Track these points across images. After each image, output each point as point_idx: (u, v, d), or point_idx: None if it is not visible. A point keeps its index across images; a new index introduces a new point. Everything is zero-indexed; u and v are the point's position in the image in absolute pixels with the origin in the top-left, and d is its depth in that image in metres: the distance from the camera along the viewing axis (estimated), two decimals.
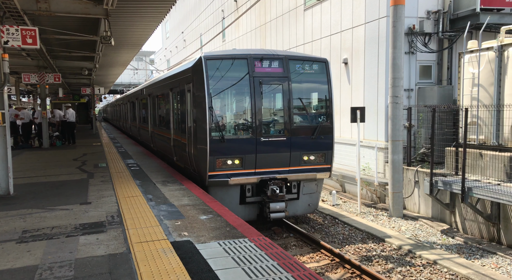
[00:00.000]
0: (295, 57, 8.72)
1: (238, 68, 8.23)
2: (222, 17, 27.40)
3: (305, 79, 8.83)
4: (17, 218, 5.97)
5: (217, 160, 8.02)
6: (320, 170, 8.83)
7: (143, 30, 12.84)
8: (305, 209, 9.18)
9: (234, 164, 8.14)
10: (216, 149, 7.95)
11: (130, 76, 50.79)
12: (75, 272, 3.97)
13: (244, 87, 8.27)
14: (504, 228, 8.53)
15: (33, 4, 8.79)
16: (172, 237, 5.06)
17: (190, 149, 8.83)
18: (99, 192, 7.65)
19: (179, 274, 3.90)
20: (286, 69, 8.45)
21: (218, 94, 8.29)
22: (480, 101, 9.85)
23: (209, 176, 8.06)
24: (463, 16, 12.36)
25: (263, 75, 8.30)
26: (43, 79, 16.03)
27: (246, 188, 8.42)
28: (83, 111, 38.87)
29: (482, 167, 9.25)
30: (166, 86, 11.42)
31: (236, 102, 8.68)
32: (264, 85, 8.28)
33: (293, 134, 8.44)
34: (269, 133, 8.40)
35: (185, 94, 9.14)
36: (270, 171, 8.39)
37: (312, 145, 8.63)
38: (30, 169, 10.74)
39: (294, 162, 8.53)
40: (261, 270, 4.03)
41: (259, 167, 8.28)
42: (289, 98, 8.43)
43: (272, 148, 8.31)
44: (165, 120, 11.96)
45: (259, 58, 8.33)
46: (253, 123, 8.22)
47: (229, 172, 8.15)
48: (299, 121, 8.77)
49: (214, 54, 8.32)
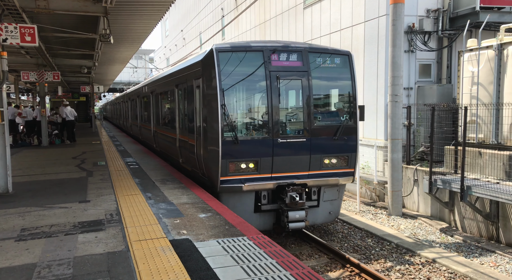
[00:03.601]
0: (315, 49, 7.89)
1: (253, 61, 7.44)
2: (222, 15, 27.36)
3: (326, 73, 8.01)
4: (15, 216, 5.96)
5: (229, 163, 7.24)
6: (342, 175, 8.03)
7: (142, 28, 12.81)
8: (326, 217, 8.37)
9: (249, 168, 7.37)
10: (229, 151, 7.18)
11: (129, 74, 50.72)
12: (73, 270, 3.97)
13: (259, 82, 7.48)
14: (503, 226, 8.54)
15: (31, 2, 8.76)
16: (171, 235, 5.05)
17: (199, 151, 8.01)
18: (98, 190, 7.64)
19: (178, 272, 3.89)
20: (305, 62, 7.64)
21: (231, 90, 7.47)
22: (479, 99, 9.85)
23: (221, 182, 7.28)
24: (463, 15, 12.35)
25: (280, 69, 7.50)
26: (42, 77, 16.00)
27: (261, 195, 7.61)
28: (82, 110, 38.81)
29: (481, 166, 9.26)
30: (171, 83, 10.58)
31: (250, 99, 7.87)
32: (281, 80, 7.49)
33: (313, 135, 7.66)
34: (287, 134, 7.63)
35: (193, 91, 8.35)
36: (288, 176, 7.61)
37: (334, 147, 7.84)
38: (29, 167, 10.73)
39: (315, 165, 7.75)
40: (259, 268, 4.03)
41: (276, 171, 7.51)
42: (309, 94, 7.64)
43: (290, 150, 7.56)
44: (169, 119, 11.22)
45: (276, 50, 7.52)
46: (270, 122, 7.42)
47: (243, 177, 7.38)
48: (320, 120, 7.97)
49: (227, 46, 7.50)
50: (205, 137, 7.64)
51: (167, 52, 48.97)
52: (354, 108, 8.09)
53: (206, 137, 7.60)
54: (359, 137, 8.71)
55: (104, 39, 9.83)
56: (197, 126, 8.12)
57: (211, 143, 7.39)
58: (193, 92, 8.35)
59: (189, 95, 8.82)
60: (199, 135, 7.99)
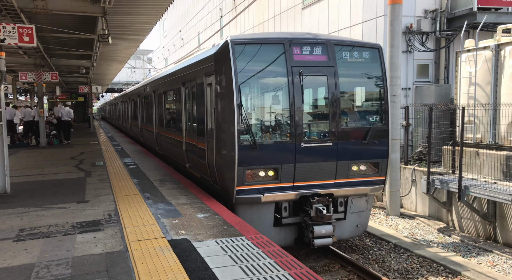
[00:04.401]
0: (342, 42, 7.13)
1: (272, 55, 6.64)
2: (220, 16, 27.37)
3: (354, 69, 7.20)
4: (14, 216, 5.96)
5: (247, 171, 6.44)
6: (372, 183, 7.20)
7: (141, 28, 12.82)
8: (353, 231, 7.48)
9: (268, 176, 6.59)
10: (246, 157, 6.38)
11: (127, 74, 50.70)
12: (72, 270, 3.97)
13: (280, 79, 6.71)
14: (500, 226, 8.57)
15: (29, 2, 8.75)
16: (169, 235, 5.06)
17: (211, 156, 7.15)
18: (97, 190, 7.64)
19: (176, 272, 3.90)
20: (331, 56, 6.85)
21: (248, 88, 6.75)
22: (477, 100, 9.89)
23: (237, 192, 6.47)
24: (460, 15, 12.40)
25: (303, 64, 6.69)
26: (40, 77, 15.97)
27: (281, 207, 6.79)
28: (80, 110, 38.76)
29: (478, 166, 9.29)
30: (177, 81, 9.74)
31: (270, 98, 7.10)
32: (304, 77, 6.66)
33: (340, 138, 6.84)
34: (310, 137, 6.84)
35: (203, 89, 7.57)
36: (311, 185, 6.82)
37: (363, 152, 7.03)
38: (27, 167, 10.71)
39: (341, 173, 6.93)
40: (258, 268, 4.04)
41: (299, 180, 6.72)
42: (336, 93, 6.83)
43: (314, 155, 6.76)
44: (174, 120, 10.41)
45: (298, 43, 6.73)
46: (292, 124, 6.62)
47: (262, 187, 6.58)
48: (348, 122, 7.15)
49: (244, 38, 6.75)
50: (218, 141, 6.83)
51: (166, 52, 48.95)
52: (385, 108, 7.26)
53: (219, 141, 6.79)
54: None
55: (103, 39, 9.83)
56: (208, 128, 7.33)
57: (225, 147, 6.59)
58: (203, 90, 7.59)
59: (198, 93, 8.02)
60: (211, 139, 7.18)
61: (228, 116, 6.46)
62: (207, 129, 7.40)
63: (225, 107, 6.57)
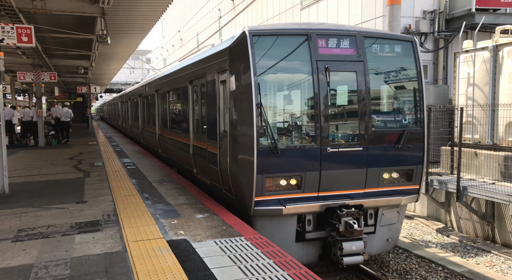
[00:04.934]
0: (372, 33, 6.41)
1: (295, 48, 5.99)
2: (219, 16, 27.39)
3: (386, 64, 6.48)
4: (12, 217, 5.95)
5: (267, 179, 5.74)
6: (405, 193, 6.47)
7: (140, 28, 12.81)
8: (383, 246, 6.74)
9: (290, 185, 5.90)
10: (266, 163, 5.68)
11: (126, 75, 50.65)
12: (71, 270, 3.97)
13: (304, 75, 5.99)
14: (499, 226, 8.59)
15: (28, 2, 8.76)
16: (168, 235, 5.06)
17: (224, 162, 6.42)
18: (95, 191, 7.63)
19: (175, 273, 3.90)
20: (360, 50, 6.14)
21: (268, 85, 6.02)
22: (475, 100, 9.91)
23: (255, 203, 5.76)
24: (459, 16, 12.43)
25: (329, 58, 5.98)
26: (39, 77, 15.96)
27: (305, 220, 6.09)
28: (79, 110, 38.74)
29: (477, 166, 9.31)
30: (183, 78, 9.03)
31: (292, 96, 6.37)
32: (331, 73, 5.94)
33: (371, 142, 6.12)
34: (338, 141, 6.14)
35: (215, 87, 6.86)
36: (338, 195, 6.10)
37: (396, 157, 6.33)
38: (26, 168, 10.70)
39: (372, 181, 6.23)
40: (257, 269, 4.04)
41: (324, 189, 6.01)
42: (366, 91, 6.11)
43: (342, 162, 6.07)
44: (180, 121, 9.60)
45: (324, 35, 6.02)
46: (317, 126, 5.91)
47: (283, 197, 5.89)
48: (379, 123, 6.45)
49: (263, 28, 6.07)
50: (233, 145, 6.07)
51: (164, 52, 48.95)
52: (421, 108, 6.51)
53: (235, 145, 6.02)
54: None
55: (102, 39, 9.83)
56: (221, 130, 6.60)
57: (242, 152, 5.85)
58: (215, 88, 6.88)
59: (209, 92, 7.29)
60: (224, 142, 6.41)
61: (245, 117, 5.76)
62: (219, 132, 6.67)
63: (242, 107, 5.85)
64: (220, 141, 6.61)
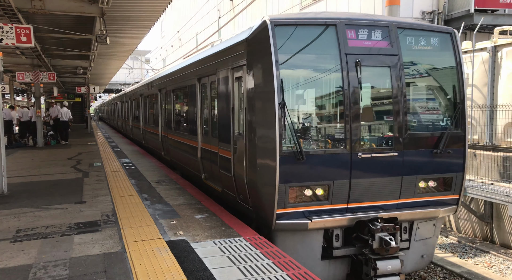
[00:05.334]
0: (406, 24, 5.69)
1: (322, 40, 5.34)
2: (218, 17, 27.39)
3: (422, 59, 5.79)
4: (11, 217, 5.94)
5: (290, 189, 5.10)
6: (443, 204, 5.78)
7: (139, 28, 12.81)
8: (417, 263, 6.02)
9: (316, 195, 5.24)
10: (289, 171, 5.04)
11: (125, 75, 50.62)
12: (69, 271, 3.97)
13: (332, 70, 5.33)
14: (497, 227, 8.61)
15: (27, 2, 8.75)
16: (167, 236, 5.06)
17: (239, 168, 5.78)
18: (94, 191, 7.62)
19: (175, 273, 3.90)
20: (394, 42, 5.47)
21: (291, 82, 5.34)
22: (474, 101, 9.93)
23: (277, 216, 5.10)
24: (458, 17, 12.46)
25: (360, 51, 5.32)
26: (38, 78, 15.94)
27: (332, 234, 5.44)
28: (78, 110, 38.70)
29: (475, 167, 9.33)
30: (190, 76, 8.37)
31: (318, 94, 5.65)
32: (363, 68, 5.29)
33: (406, 147, 5.45)
34: (370, 145, 5.46)
35: (229, 84, 6.24)
36: (370, 207, 5.44)
37: (434, 164, 5.65)
38: (24, 168, 10.68)
39: (407, 191, 5.56)
40: (256, 269, 4.05)
41: (354, 200, 5.36)
42: (401, 88, 5.44)
43: (374, 169, 5.40)
44: (186, 122, 8.99)
45: (354, 25, 5.36)
46: (347, 128, 5.24)
47: (308, 209, 5.25)
48: (416, 125, 5.77)
49: (286, 18, 5.36)
50: (251, 150, 5.43)
51: (163, 53, 48.95)
52: (461, 108, 5.80)
53: (253, 149, 5.38)
54: None
55: (101, 40, 9.82)
56: (235, 133, 5.99)
57: (262, 158, 5.21)
58: (228, 86, 6.27)
59: (221, 90, 6.64)
60: (240, 146, 5.77)
61: (266, 118, 5.14)
62: (233, 134, 6.05)
63: (262, 107, 5.23)
64: (235, 145, 5.98)
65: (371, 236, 5.25)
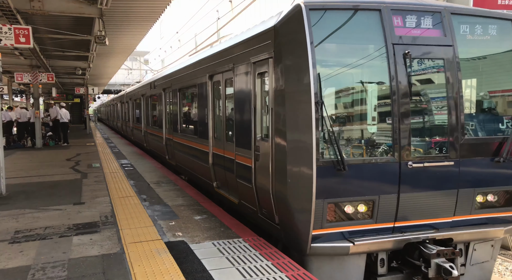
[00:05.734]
0: (461, 10, 4.91)
1: (364, 27, 4.57)
2: (217, 18, 27.42)
3: (480, 50, 5.03)
4: (9, 218, 5.93)
5: (329, 205, 4.36)
6: (505, 221, 5.01)
7: (138, 30, 12.82)
8: None
9: (358, 212, 4.48)
10: (329, 183, 4.30)
11: (124, 76, 50.64)
12: (68, 272, 3.96)
13: (376, 63, 4.58)
14: None
15: (26, 3, 8.74)
16: (166, 237, 5.05)
17: (263, 178, 4.99)
18: (93, 192, 7.61)
19: (173, 275, 3.90)
20: (448, 31, 4.69)
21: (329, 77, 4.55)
22: None
23: (312, 237, 4.34)
24: None
25: (409, 41, 4.58)
26: (36, 78, 15.94)
27: (377, 259, 4.64)
28: (76, 111, 38.66)
29: None
30: (200, 74, 7.60)
31: (360, 91, 4.81)
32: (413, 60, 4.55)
33: (463, 155, 4.69)
34: (422, 153, 4.65)
35: (249, 81, 5.42)
36: (419, 226, 4.67)
37: (495, 174, 4.88)
38: (23, 169, 10.66)
39: (463, 207, 4.80)
40: (255, 270, 4.04)
41: (402, 217, 4.60)
42: (457, 84, 4.66)
43: (426, 180, 4.62)
44: (196, 124, 8.13)
45: (400, 10, 4.61)
46: (395, 133, 4.48)
47: (349, 229, 4.49)
48: (473, 129, 4.98)
49: (322, 1, 4.48)
50: (280, 157, 4.60)
51: (162, 53, 48.97)
52: None
53: (282, 157, 4.54)
54: None
55: (100, 41, 9.82)
56: (257, 137, 5.21)
57: (294, 167, 4.39)
58: (248, 83, 5.50)
59: (238, 88, 5.84)
60: (264, 153, 4.99)
61: (299, 120, 4.36)
62: (254, 139, 5.27)
63: (294, 107, 4.42)
64: (257, 151, 5.20)
65: (424, 261, 4.50)
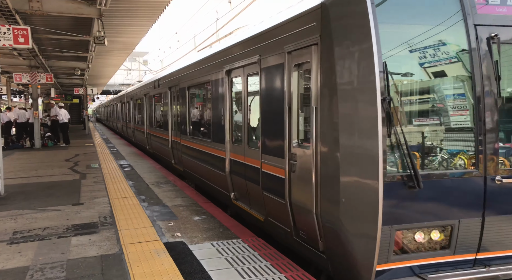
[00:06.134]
0: None
1: (438, 4, 3.62)
2: (216, 18, 27.43)
3: None
4: (8, 219, 5.91)
5: (396, 233, 3.44)
6: None
7: (137, 30, 12.81)
8: None
9: (431, 241, 3.59)
10: (397, 205, 3.41)
11: (123, 76, 50.63)
12: (66, 273, 3.95)
13: (454, 49, 3.71)
14: None
15: (25, 4, 8.73)
16: (165, 238, 5.04)
17: (301, 194, 4.15)
18: (92, 192, 7.60)
19: (172, 275, 3.89)
20: None
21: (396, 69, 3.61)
22: None
23: (376, 274, 3.44)
24: None
25: (494, 21, 3.64)
26: (35, 79, 15.92)
27: None
28: (75, 112, 38.62)
29: None
30: (215, 69, 6.68)
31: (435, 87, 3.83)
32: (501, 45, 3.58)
33: None
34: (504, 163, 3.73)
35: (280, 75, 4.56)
36: (509, 257, 3.77)
37: None
38: (22, 169, 10.64)
39: None
40: (254, 271, 4.04)
41: (487, 247, 3.71)
42: None
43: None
44: (209, 127, 7.26)
45: None
46: (479, 139, 3.56)
47: (419, 263, 3.56)
48: None
49: None
50: (329, 170, 3.67)
51: (161, 54, 48.96)
52: None
53: (333, 169, 3.60)
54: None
55: (99, 41, 9.81)
56: (293, 143, 4.33)
57: (351, 183, 3.49)
58: (279, 77, 4.59)
59: (266, 84, 4.95)
60: (303, 162, 4.09)
61: (359, 122, 3.43)
62: (289, 145, 4.36)
63: (351, 106, 3.48)
64: (292, 159, 4.31)
65: None
